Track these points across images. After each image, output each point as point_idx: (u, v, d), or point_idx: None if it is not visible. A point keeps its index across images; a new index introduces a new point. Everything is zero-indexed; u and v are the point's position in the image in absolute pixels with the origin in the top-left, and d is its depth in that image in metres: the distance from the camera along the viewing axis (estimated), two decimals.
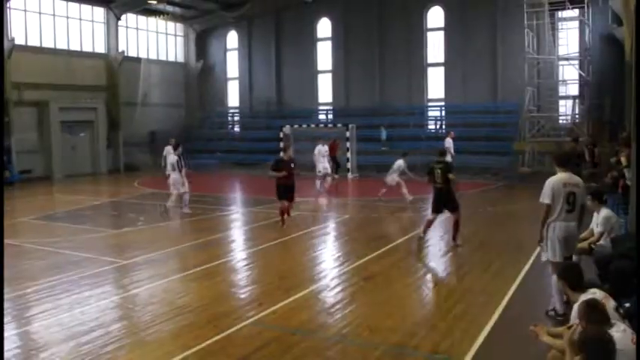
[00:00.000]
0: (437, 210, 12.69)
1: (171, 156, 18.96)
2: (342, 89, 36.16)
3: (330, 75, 37.01)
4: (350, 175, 27.78)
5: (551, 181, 7.90)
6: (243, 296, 9.58)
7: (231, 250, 13.52)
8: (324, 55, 37.22)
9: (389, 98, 34.32)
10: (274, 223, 15.82)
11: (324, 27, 37.09)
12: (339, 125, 30.11)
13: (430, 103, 34.26)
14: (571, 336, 4.93)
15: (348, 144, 28.06)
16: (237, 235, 15.68)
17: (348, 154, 28.03)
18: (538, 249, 9.50)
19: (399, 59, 33.78)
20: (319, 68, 37.39)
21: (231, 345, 7.22)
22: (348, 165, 27.94)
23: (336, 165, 27.49)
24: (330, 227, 16.21)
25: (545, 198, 7.86)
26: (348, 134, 28.38)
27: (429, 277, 10.62)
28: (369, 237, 12.53)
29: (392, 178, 19.38)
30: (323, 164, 22.40)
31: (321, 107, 37.59)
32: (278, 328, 7.78)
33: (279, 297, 9.09)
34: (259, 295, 9.47)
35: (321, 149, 22.79)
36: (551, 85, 28.17)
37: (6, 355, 6.99)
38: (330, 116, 36.70)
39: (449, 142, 23.16)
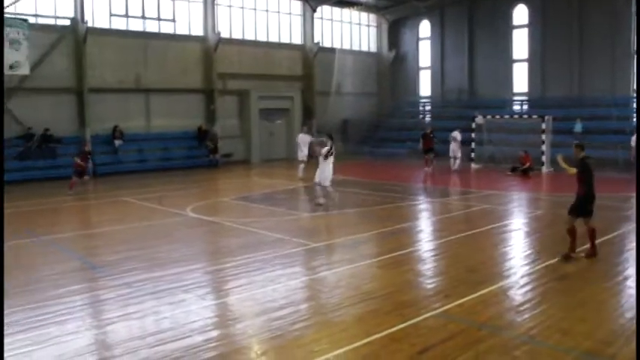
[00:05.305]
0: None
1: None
2: (538, 79, 34.56)
3: (525, 64, 35.47)
4: (544, 169, 26.40)
5: None
6: (429, 286, 9.52)
7: (419, 240, 13.51)
8: (520, 42, 35.69)
9: (589, 88, 32.22)
10: (464, 215, 15.55)
11: (520, 13, 35.55)
12: (535, 116, 28.65)
13: (636, 94, 31.60)
14: None
15: (543, 136, 26.67)
16: (426, 225, 15.62)
17: (543, 147, 26.60)
18: None
19: (602, 47, 31.52)
20: (514, 57, 35.98)
21: (416, 334, 7.20)
22: (543, 158, 26.52)
23: (433, 153, 27.19)
24: (521, 223, 15.58)
25: None
26: (543, 126, 26.93)
27: (629, 282, 9.70)
28: (562, 235, 11.78)
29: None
30: (304, 152, 24.92)
31: (515, 97, 36.21)
32: (464, 322, 7.63)
33: (466, 290, 8.91)
34: (446, 286, 9.35)
35: (304, 137, 25.42)
36: None
37: (206, 322, 7.65)
38: (525, 107, 35.20)
39: None
